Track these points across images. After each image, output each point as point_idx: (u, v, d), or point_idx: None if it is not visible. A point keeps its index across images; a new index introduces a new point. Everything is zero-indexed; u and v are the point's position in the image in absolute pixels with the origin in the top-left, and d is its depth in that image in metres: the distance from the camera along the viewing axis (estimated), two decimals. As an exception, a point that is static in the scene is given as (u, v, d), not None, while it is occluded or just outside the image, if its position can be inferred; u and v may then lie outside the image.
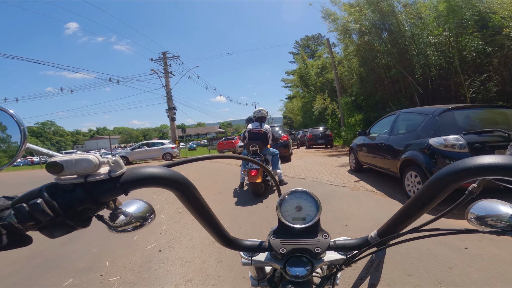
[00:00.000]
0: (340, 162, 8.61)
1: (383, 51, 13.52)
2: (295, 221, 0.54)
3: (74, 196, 0.38)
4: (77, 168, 0.37)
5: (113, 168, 0.39)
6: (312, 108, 22.92)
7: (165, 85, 20.32)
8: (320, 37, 42.39)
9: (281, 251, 0.51)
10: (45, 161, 31.76)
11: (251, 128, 5.01)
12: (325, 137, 16.25)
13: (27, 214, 0.36)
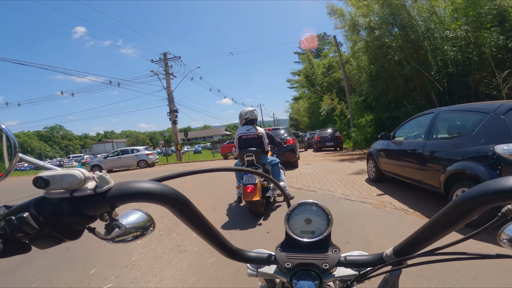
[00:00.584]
0: (354, 168, 7.65)
1: (395, 47, 12.64)
2: (303, 234, 0.52)
3: (61, 210, 0.39)
4: (63, 184, 0.38)
5: (99, 183, 0.40)
6: (319, 108, 21.99)
7: (166, 87, 19.62)
8: (325, 36, 41.56)
9: (286, 266, 0.49)
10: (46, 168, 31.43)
11: (242, 134, 4.08)
12: (334, 139, 15.27)
13: (16, 227, 0.38)
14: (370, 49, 13.77)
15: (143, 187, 0.41)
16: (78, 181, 0.38)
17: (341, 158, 10.88)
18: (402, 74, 12.38)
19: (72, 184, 0.38)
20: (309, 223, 0.53)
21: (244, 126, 4.14)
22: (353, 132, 14.38)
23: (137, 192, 0.41)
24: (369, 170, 5.65)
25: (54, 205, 0.39)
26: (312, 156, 13.33)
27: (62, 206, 0.39)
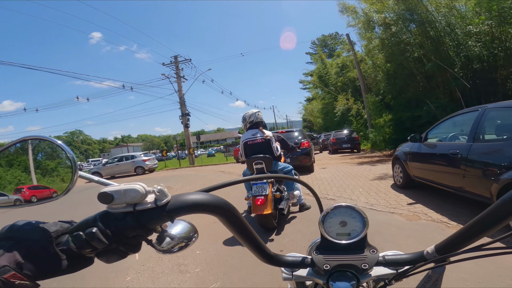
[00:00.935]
0: (376, 172, 7.11)
1: (413, 44, 11.98)
2: (339, 236, 0.53)
3: (125, 224, 0.41)
4: (126, 198, 0.40)
5: (158, 197, 0.41)
6: (334, 109, 21.38)
7: (178, 90, 19.51)
8: (337, 36, 40.89)
9: (325, 267, 0.50)
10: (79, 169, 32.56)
11: (247, 139, 3.65)
12: (351, 140, 14.65)
13: (84, 242, 0.39)
14: (386, 47, 13.20)
15: (198, 199, 0.44)
16: (140, 196, 0.40)
17: (360, 160, 10.33)
18: (423, 71, 11.74)
19: (135, 199, 0.40)
20: (345, 225, 0.54)
21: (249, 131, 3.71)
22: (371, 133, 13.75)
23: (194, 204, 0.43)
24: (396, 175, 5.14)
25: (118, 219, 0.41)
26: (328, 158, 12.80)
27: (126, 220, 0.41)
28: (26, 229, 0.42)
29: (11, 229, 0.42)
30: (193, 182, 9.04)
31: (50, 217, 0.46)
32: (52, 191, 0.51)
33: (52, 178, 0.52)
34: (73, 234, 0.40)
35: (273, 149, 3.57)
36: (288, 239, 3.15)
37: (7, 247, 0.39)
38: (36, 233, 0.42)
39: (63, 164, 0.51)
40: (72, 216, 5.15)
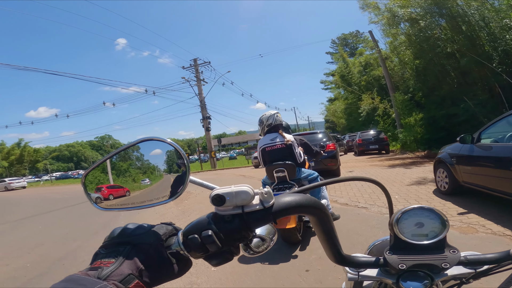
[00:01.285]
0: (412, 176, 6.62)
1: (445, 39, 11.30)
2: (415, 237, 0.53)
3: (233, 226, 0.41)
4: (237, 200, 0.41)
5: (265, 198, 0.42)
6: (358, 109, 20.68)
7: (198, 93, 19.66)
8: (359, 34, 39.83)
9: (400, 267, 0.50)
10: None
11: (266, 145, 3.25)
12: (378, 141, 14.03)
13: (200, 245, 0.40)
14: (414, 43, 12.62)
15: (300, 200, 0.45)
16: (250, 197, 0.41)
17: (391, 163, 9.78)
18: (457, 67, 11.07)
19: (245, 201, 0.41)
20: (421, 226, 0.53)
21: (267, 135, 3.29)
22: (401, 133, 13.11)
23: (296, 205, 0.44)
24: (439, 180, 4.71)
25: (227, 221, 0.42)
26: (354, 161, 12.31)
27: (234, 222, 0.42)
28: (140, 233, 0.42)
29: (125, 233, 0.42)
30: (205, 190, 8.81)
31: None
32: (126, 190, 0.56)
33: (126, 179, 0.57)
34: (188, 237, 0.41)
35: (296, 155, 3.17)
36: (315, 256, 2.82)
37: (126, 252, 0.39)
38: (150, 237, 0.42)
39: (133, 165, 0.57)
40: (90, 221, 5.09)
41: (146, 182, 0.56)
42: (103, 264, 0.37)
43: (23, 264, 3.80)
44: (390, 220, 0.55)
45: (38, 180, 42.66)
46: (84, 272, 0.36)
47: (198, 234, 0.40)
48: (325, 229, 0.50)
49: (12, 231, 6.42)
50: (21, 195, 18.32)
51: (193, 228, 0.42)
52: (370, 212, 4.13)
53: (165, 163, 0.55)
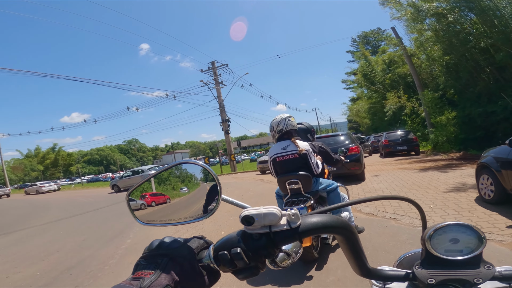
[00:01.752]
0: (449, 181, 5.97)
1: (477, 33, 10.45)
2: (448, 253, 0.52)
3: (260, 244, 0.44)
4: (265, 221, 0.43)
5: (292, 220, 0.44)
6: (383, 108, 19.73)
7: (217, 96, 19.64)
8: (380, 31, 38.41)
9: (429, 282, 0.50)
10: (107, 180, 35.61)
11: (276, 155, 2.86)
12: (407, 142, 13.14)
13: (229, 261, 0.43)
14: (442, 38, 11.82)
15: (326, 220, 0.46)
16: (278, 219, 0.44)
17: (422, 165, 9.04)
18: (493, 62, 10.20)
19: (272, 221, 0.44)
20: (456, 242, 0.53)
21: (279, 143, 2.88)
22: (432, 133, 12.23)
23: (323, 226, 0.46)
24: (483, 188, 4.14)
25: (255, 239, 0.44)
26: (381, 163, 11.60)
27: (261, 240, 0.44)
28: (176, 246, 0.45)
29: (163, 245, 0.45)
30: (230, 192, 8.49)
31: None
32: (166, 197, 0.61)
33: (166, 187, 0.62)
34: (219, 253, 0.44)
35: (312, 165, 2.77)
36: (333, 277, 2.46)
37: (163, 264, 0.42)
38: (185, 250, 0.45)
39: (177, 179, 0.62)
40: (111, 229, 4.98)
41: (185, 190, 0.60)
42: (143, 275, 0.40)
43: (33, 273, 3.77)
44: (423, 236, 0.54)
45: (71, 183, 44.87)
46: (128, 282, 0.40)
47: (228, 251, 0.43)
48: (352, 248, 0.50)
49: (35, 236, 6.54)
50: (53, 198, 19.18)
51: (223, 245, 0.45)
52: (400, 224, 3.65)
53: (201, 172, 0.58)
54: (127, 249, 4.33)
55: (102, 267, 3.63)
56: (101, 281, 3.17)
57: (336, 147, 6.58)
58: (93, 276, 3.34)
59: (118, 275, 3.31)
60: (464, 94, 11.79)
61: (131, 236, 5.10)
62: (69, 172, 58.04)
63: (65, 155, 55.02)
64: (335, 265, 2.69)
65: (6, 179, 40.68)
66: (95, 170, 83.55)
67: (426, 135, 13.49)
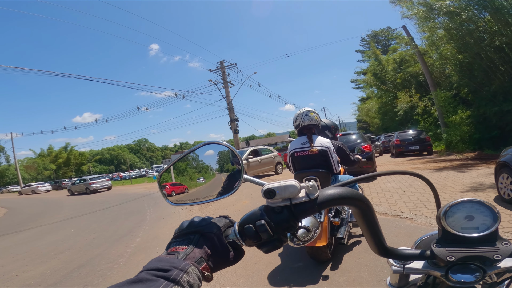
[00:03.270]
0: (466, 181, 5.79)
1: (491, 32, 10.18)
2: (464, 230, 0.53)
3: (282, 217, 0.46)
4: (286, 193, 0.45)
5: (310, 191, 0.46)
6: (394, 108, 19.41)
7: (225, 95, 19.61)
8: (390, 30, 37.78)
9: (449, 259, 0.50)
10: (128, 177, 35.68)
11: (295, 149, 2.79)
12: (419, 141, 12.84)
13: (254, 233, 0.45)
14: (456, 37, 11.57)
15: (343, 192, 0.47)
16: (297, 191, 0.45)
17: (436, 165, 8.80)
18: (508, 60, 10.02)
19: (293, 194, 0.45)
20: (471, 219, 0.53)
21: (299, 138, 2.82)
22: (445, 132, 11.94)
23: (340, 197, 0.47)
24: (503, 187, 3.99)
25: (277, 212, 0.46)
26: (392, 163, 11.39)
27: (283, 213, 0.46)
28: (205, 224, 0.48)
29: (192, 224, 0.48)
30: (239, 191, 8.31)
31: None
32: (185, 187, 0.64)
33: (184, 177, 0.65)
34: (244, 226, 0.46)
35: (332, 163, 2.66)
36: (347, 277, 2.40)
37: (196, 240, 0.45)
38: (213, 227, 0.47)
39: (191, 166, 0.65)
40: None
41: (201, 180, 0.63)
42: (178, 250, 0.43)
43: (43, 271, 3.78)
44: (438, 213, 0.55)
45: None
46: (165, 255, 0.42)
47: (253, 224, 0.46)
48: (367, 221, 0.51)
49: (47, 234, 6.63)
50: (66, 196, 19.51)
51: (248, 219, 0.47)
52: (416, 224, 3.53)
53: (217, 163, 0.62)
54: (136, 248, 4.32)
55: (112, 266, 3.63)
56: (110, 280, 3.16)
57: (349, 146, 6.51)
58: (103, 275, 3.33)
59: (127, 274, 3.29)
60: (479, 93, 11.48)
61: (140, 235, 5.10)
62: (81, 171, 59.05)
63: (77, 155, 55.98)
64: (350, 265, 2.63)
65: (19, 178, 41.70)
66: (106, 169, 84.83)
67: (439, 134, 13.16)
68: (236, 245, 0.47)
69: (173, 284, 0.36)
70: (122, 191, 17.70)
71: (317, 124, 2.79)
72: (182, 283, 0.36)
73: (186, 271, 0.38)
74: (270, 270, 2.77)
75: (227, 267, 0.46)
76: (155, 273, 0.37)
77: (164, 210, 7.41)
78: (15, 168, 43.58)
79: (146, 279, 0.35)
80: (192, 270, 0.39)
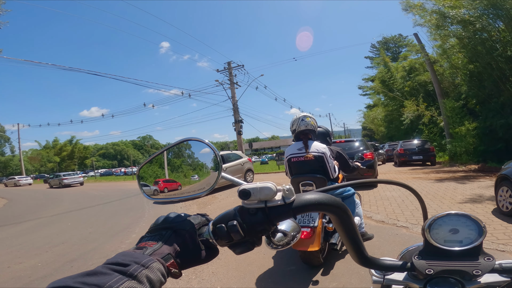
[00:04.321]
0: (466, 192, 5.72)
1: (504, 41, 10.05)
2: (448, 243, 0.52)
3: (256, 219, 0.45)
4: (261, 195, 0.44)
5: (286, 195, 0.45)
6: (400, 117, 19.23)
7: (231, 96, 19.62)
8: (401, 37, 37.55)
9: (427, 272, 0.50)
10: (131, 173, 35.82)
11: (292, 155, 2.74)
12: (423, 151, 12.73)
13: (225, 233, 0.44)
14: (468, 46, 11.41)
15: (320, 198, 0.46)
16: (273, 193, 0.44)
17: (439, 176, 8.69)
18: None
19: (268, 196, 0.44)
20: (456, 232, 0.53)
21: (296, 143, 2.77)
22: (450, 143, 11.79)
23: (317, 203, 0.46)
24: (502, 200, 3.95)
25: (251, 214, 0.45)
26: (395, 172, 11.27)
27: (257, 215, 0.45)
28: (179, 220, 0.47)
29: (167, 220, 0.48)
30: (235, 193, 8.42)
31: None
32: (178, 184, 0.62)
33: (178, 174, 0.63)
34: (216, 226, 0.46)
35: (329, 169, 2.61)
36: (337, 282, 2.38)
37: (167, 236, 0.44)
38: (187, 225, 0.47)
39: (188, 163, 0.63)
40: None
41: (195, 178, 0.62)
42: (147, 245, 0.43)
43: (35, 264, 3.75)
44: (423, 226, 0.54)
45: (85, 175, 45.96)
46: (132, 250, 0.42)
47: (225, 224, 0.45)
48: (346, 230, 0.51)
49: (44, 226, 6.63)
50: (67, 189, 19.63)
51: (221, 219, 0.46)
52: (411, 233, 3.53)
53: (212, 161, 0.59)
54: (131, 244, 4.28)
55: (104, 261, 3.59)
56: (101, 276, 3.13)
57: (350, 153, 6.45)
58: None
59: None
60: (487, 104, 11.33)
61: (136, 231, 5.07)
62: (84, 165, 59.49)
63: (81, 148, 56.42)
64: (341, 271, 2.61)
65: (22, 169, 42.12)
66: (109, 164, 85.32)
67: (444, 145, 13.00)
68: (210, 244, 0.47)
69: (129, 278, 0.35)
70: (124, 186, 17.74)
71: (313, 130, 2.73)
72: (140, 278, 0.36)
73: (148, 266, 0.37)
74: (262, 272, 2.75)
75: (198, 265, 0.46)
76: (112, 267, 0.36)
77: (163, 207, 7.39)
78: (19, 159, 43.98)
79: (101, 272, 0.35)
80: (155, 266, 0.38)
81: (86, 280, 0.33)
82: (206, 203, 7.56)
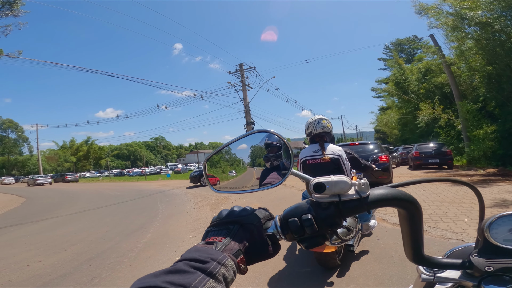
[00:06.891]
0: (486, 196, 5.52)
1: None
2: (506, 242, 0.53)
3: (329, 213, 0.45)
4: (336, 189, 0.44)
5: (361, 189, 0.45)
6: (416, 119, 18.83)
7: (243, 98, 19.69)
8: (416, 39, 36.81)
9: (487, 269, 0.50)
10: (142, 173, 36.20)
11: (307, 157, 2.71)
12: (440, 155, 12.40)
13: (298, 227, 0.44)
14: (486, 47, 11.16)
15: (396, 193, 0.46)
16: (348, 187, 0.44)
17: (456, 180, 8.43)
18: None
19: (343, 190, 0.44)
20: None
21: (311, 146, 2.75)
22: (468, 147, 11.47)
23: (392, 197, 0.46)
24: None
25: (323, 208, 0.45)
26: (409, 175, 11.07)
27: (329, 209, 0.45)
28: (245, 214, 0.46)
29: (232, 214, 0.47)
30: (250, 195, 8.04)
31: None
32: (217, 179, 0.64)
33: (217, 169, 0.66)
34: (288, 220, 0.44)
35: (345, 171, 2.59)
36: (354, 285, 2.35)
37: (235, 231, 0.43)
38: (254, 219, 0.45)
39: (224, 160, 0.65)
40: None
41: (233, 173, 0.63)
42: (216, 240, 0.42)
43: (54, 262, 3.85)
44: (481, 225, 0.55)
45: (99, 175, 46.98)
46: (203, 244, 0.41)
47: (298, 218, 0.44)
48: (412, 226, 0.50)
49: (62, 225, 6.82)
50: (83, 189, 20.15)
51: (293, 212, 0.45)
52: (430, 236, 3.45)
53: (249, 157, 0.61)
54: (146, 244, 4.36)
55: (121, 260, 3.67)
56: (118, 274, 3.19)
57: (365, 155, 6.37)
58: (111, 269, 3.37)
59: (136, 268, 3.33)
60: (506, 107, 11.02)
61: (151, 231, 5.15)
62: (99, 165, 60.83)
63: (96, 148, 57.83)
64: (357, 273, 2.59)
65: (40, 168, 43.44)
66: (123, 164, 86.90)
67: (461, 149, 12.65)
68: (274, 238, 0.46)
69: (209, 278, 0.34)
70: (137, 186, 18.05)
71: (329, 132, 2.73)
72: (218, 277, 0.35)
73: (223, 264, 0.37)
74: (277, 274, 2.75)
75: (263, 260, 0.44)
76: (192, 264, 0.35)
77: (176, 208, 7.48)
78: (37, 159, 45.36)
79: (183, 270, 0.34)
80: (229, 263, 0.38)
81: (172, 279, 0.32)
82: (218, 203, 7.61)
